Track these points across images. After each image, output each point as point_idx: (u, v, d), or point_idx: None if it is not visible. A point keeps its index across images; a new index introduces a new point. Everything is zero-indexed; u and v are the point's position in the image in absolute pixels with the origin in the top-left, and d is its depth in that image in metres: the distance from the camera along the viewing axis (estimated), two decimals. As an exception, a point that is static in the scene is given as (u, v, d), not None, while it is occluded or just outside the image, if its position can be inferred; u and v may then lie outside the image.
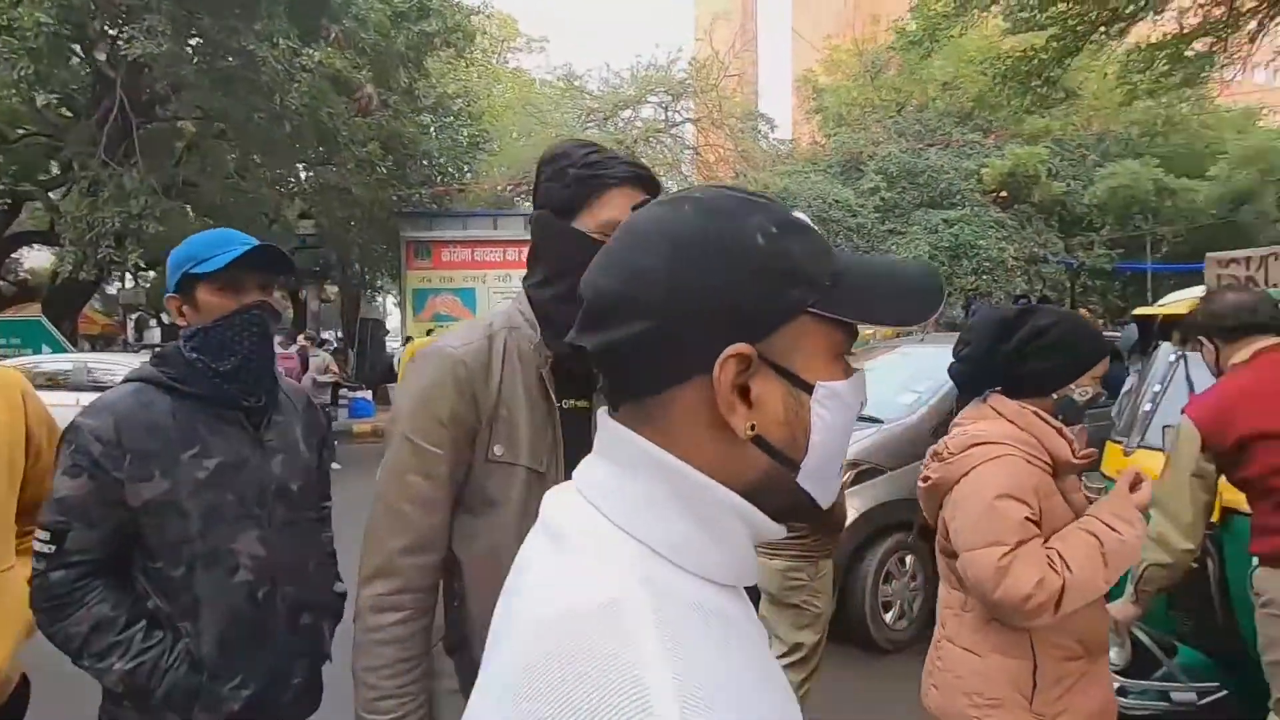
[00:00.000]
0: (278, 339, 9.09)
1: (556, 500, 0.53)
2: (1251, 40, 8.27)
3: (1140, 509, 1.40)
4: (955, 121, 16.60)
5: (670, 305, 0.47)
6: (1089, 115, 16.12)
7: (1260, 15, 7.86)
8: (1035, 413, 1.48)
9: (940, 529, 1.56)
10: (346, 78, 9.52)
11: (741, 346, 0.47)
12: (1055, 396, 1.52)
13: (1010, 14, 7.23)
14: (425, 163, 14.66)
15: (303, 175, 13.01)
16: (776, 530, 0.51)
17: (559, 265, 1.08)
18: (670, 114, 17.15)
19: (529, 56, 24.14)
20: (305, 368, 8.69)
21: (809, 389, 0.49)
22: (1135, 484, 1.43)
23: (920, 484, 1.62)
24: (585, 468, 0.53)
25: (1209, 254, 2.61)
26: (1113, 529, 1.37)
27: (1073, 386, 1.52)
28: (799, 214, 0.53)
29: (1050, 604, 1.31)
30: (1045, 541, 1.39)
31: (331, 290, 19.94)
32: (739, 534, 0.49)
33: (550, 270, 1.12)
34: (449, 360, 1.09)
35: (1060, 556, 1.35)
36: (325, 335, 16.47)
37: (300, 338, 9.49)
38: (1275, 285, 2.28)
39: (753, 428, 0.48)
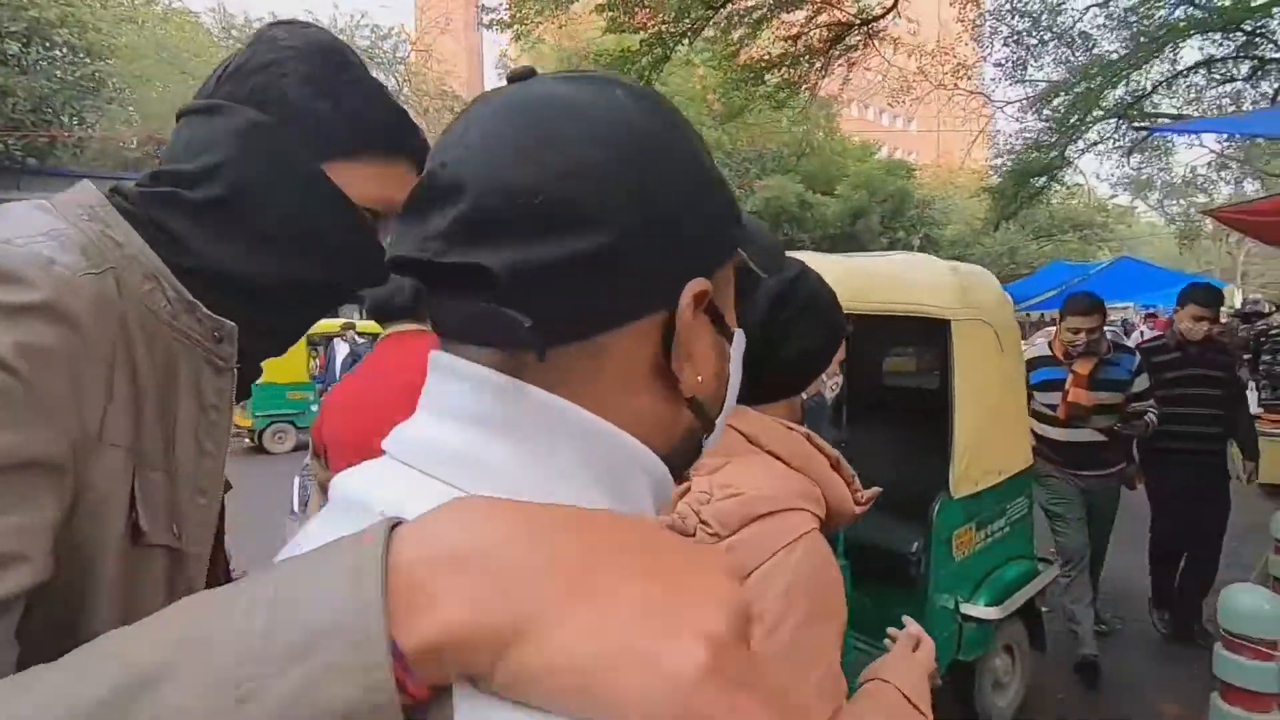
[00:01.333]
0: None
1: (382, 489, 0.37)
2: (822, 76, 9.89)
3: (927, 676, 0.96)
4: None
5: (636, 218, 0.35)
6: (753, 133, 18.41)
7: (824, 56, 9.43)
8: (809, 438, 0.97)
9: None
10: None
11: (704, 282, 0.38)
12: (805, 396, 1.02)
13: (603, 12, 7.68)
14: (8, 103, 11.63)
15: None
16: (670, 498, 0.45)
17: (293, 223, 0.67)
18: (355, 83, 15.87)
19: (199, -1, 20.61)
20: None
21: (730, 337, 0.43)
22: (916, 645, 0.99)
23: None
24: (428, 434, 0.38)
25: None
26: (920, 712, 0.90)
27: (824, 377, 1.02)
28: None
29: None
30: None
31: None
32: (649, 508, 0.41)
33: (270, 220, 0.66)
34: (41, 301, 0.49)
35: None
36: None
37: None
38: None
39: (700, 381, 0.40)
